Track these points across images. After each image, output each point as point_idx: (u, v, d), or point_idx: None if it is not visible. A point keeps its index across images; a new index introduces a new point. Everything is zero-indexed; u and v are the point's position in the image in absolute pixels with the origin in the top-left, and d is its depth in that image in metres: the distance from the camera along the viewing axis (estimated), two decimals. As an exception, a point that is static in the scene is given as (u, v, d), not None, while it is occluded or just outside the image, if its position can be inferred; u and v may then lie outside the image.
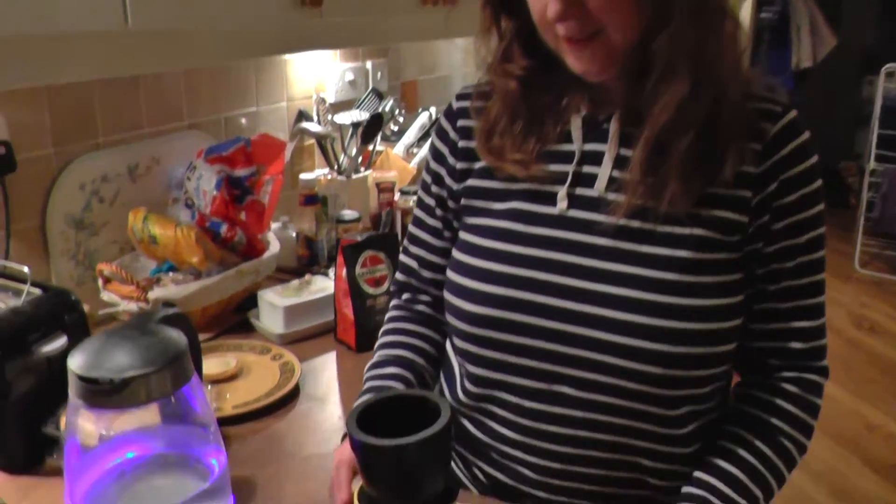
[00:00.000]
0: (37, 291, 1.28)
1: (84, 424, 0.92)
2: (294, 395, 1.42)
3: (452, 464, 1.21)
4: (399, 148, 2.41)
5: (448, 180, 1.16)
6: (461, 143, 1.15)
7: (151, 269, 1.72)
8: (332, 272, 1.70)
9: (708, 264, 0.99)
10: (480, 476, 1.17)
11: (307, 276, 1.76)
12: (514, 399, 1.07)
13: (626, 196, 1.00)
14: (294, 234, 1.99)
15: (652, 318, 0.97)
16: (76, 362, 0.86)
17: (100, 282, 1.62)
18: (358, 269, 1.56)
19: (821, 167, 1.02)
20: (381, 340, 1.24)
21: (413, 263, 1.26)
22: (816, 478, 2.77)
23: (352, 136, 2.20)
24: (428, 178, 1.21)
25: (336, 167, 2.16)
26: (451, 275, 1.13)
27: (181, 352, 0.88)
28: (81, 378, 0.85)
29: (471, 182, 1.13)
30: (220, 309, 1.68)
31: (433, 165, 1.19)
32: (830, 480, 2.77)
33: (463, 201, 1.14)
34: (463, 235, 1.13)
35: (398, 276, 1.30)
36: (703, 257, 0.98)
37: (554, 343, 1.02)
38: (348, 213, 1.95)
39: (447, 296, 1.13)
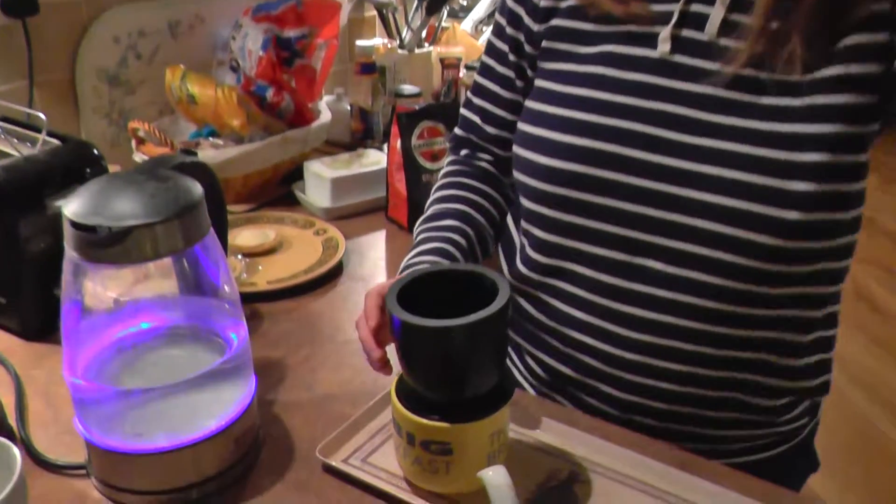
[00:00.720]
0: (55, 142, 1.15)
1: (87, 285, 0.79)
2: (336, 273, 1.29)
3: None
4: (467, 24, 2.24)
5: (527, 21, 0.99)
6: None
7: (191, 132, 1.59)
8: (386, 147, 1.55)
9: (837, 110, 0.81)
10: (536, 368, 1.03)
11: (359, 150, 1.61)
12: (589, 273, 0.92)
13: (745, 43, 0.82)
14: (348, 107, 1.83)
15: (768, 177, 0.81)
16: (71, 208, 0.72)
17: (133, 142, 1.49)
18: (414, 141, 1.40)
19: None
20: (435, 195, 1.09)
21: (475, 118, 1.10)
22: (884, 404, 2.59)
23: (416, 8, 2.03)
24: (502, 20, 1.03)
25: (398, 41, 1.99)
26: (523, 126, 0.97)
27: (194, 202, 0.74)
28: (76, 226, 0.71)
29: (556, 22, 0.96)
30: (263, 180, 1.54)
31: (510, 4, 1.01)
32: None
33: (544, 44, 0.97)
34: (541, 83, 0.97)
35: (457, 131, 1.14)
36: (829, 102, 0.81)
37: (643, 205, 0.87)
38: (408, 88, 1.79)
39: (518, 150, 0.97)
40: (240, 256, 1.22)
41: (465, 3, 2.27)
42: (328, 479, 0.84)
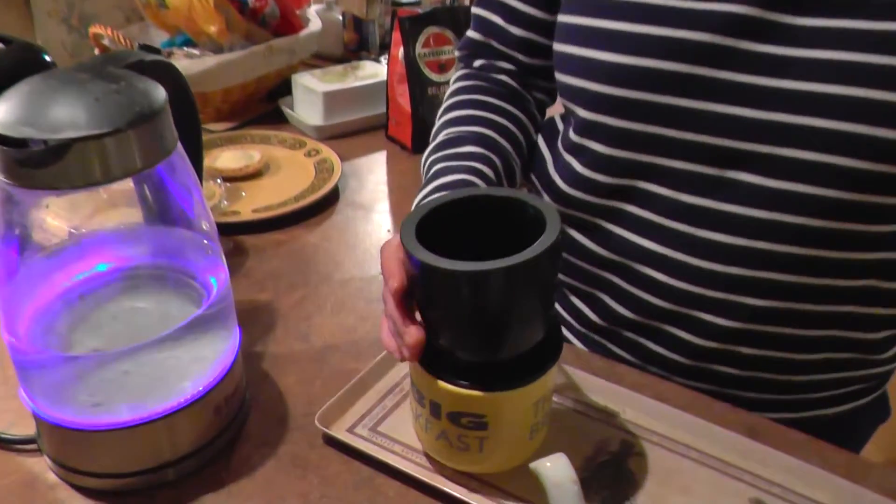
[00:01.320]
0: None
1: (23, 218, 0.62)
2: (331, 200, 1.12)
3: None
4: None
5: None
6: None
7: (162, 41, 1.40)
8: (385, 58, 1.37)
9: None
10: (586, 310, 0.87)
11: (354, 62, 1.43)
12: (664, 192, 0.76)
13: None
14: (339, 17, 1.64)
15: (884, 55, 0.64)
16: (-4, 116, 0.55)
17: (95, 51, 1.30)
18: (418, 49, 1.23)
19: None
20: (445, 117, 0.90)
21: (496, 18, 0.90)
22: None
23: None
24: None
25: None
26: (573, 19, 0.79)
27: (155, 109, 0.57)
28: (1, 140, 0.54)
29: None
30: (246, 94, 1.37)
31: None
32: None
33: None
34: None
35: (470, 34, 0.95)
36: None
37: (737, 104, 0.70)
38: (407, -6, 1.60)
39: (566, 47, 0.79)
40: (219, 181, 1.05)
41: None
42: (330, 454, 0.69)
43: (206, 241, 0.68)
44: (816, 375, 0.81)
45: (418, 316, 0.62)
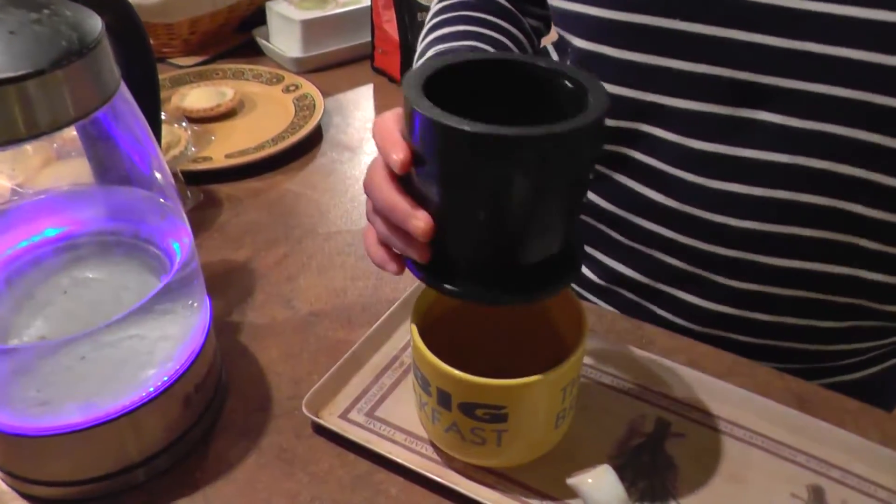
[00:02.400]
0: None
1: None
2: (314, 141, 1.00)
3: None
4: None
5: None
6: None
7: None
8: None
9: None
10: (586, 269, 0.78)
11: (334, -15, 1.30)
12: (672, 137, 0.65)
13: None
14: (317, -65, 1.50)
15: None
16: None
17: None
18: (406, -32, 1.10)
19: None
20: (430, 36, 0.78)
21: None
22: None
23: None
24: None
25: None
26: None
27: (89, 43, 0.46)
28: None
29: None
30: (216, 25, 1.24)
31: None
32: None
33: None
34: None
35: None
36: None
37: (756, 31, 0.59)
38: None
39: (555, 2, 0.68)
40: (185, 123, 0.93)
41: None
42: (321, 445, 0.60)
43: (163, 201, 0.57)
44: (840, 345, 0.72)
45: None
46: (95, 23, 0.47)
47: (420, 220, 0.47)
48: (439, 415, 0.53)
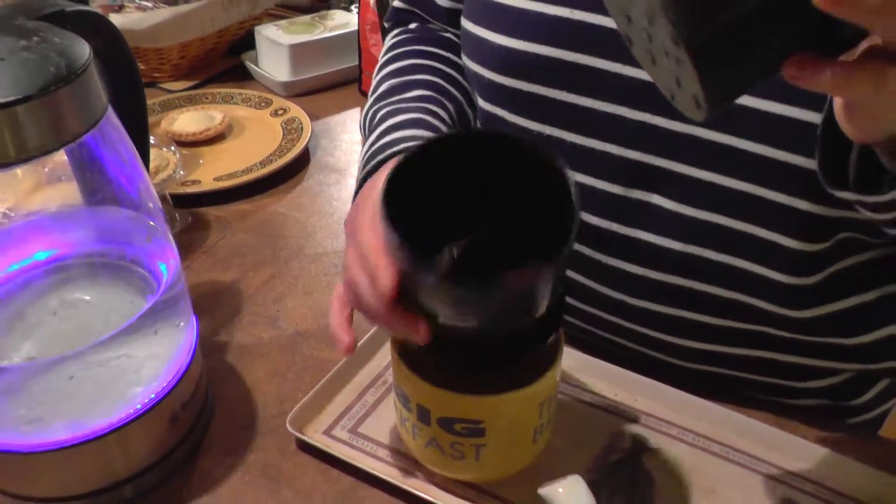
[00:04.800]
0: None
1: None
2: (301, 164, 1.02)
3: None
4: None
5: None
6: None
7: (112, -8, 1.29)
8: (356, 6, 1.26)
9: None
10: None
11: (322, 11, 1.32)
12: None
13: None
14: (306, -38, 1.53)
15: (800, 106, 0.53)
16: None
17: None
18: (392, -6, 1.12)
19: None
20: (384, 70, 0.78)
21: None
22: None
23: None
24: None
25: None
26: (464, 22, 0.69)
27: (76, 69, 0.47)
28: None
29: None
30: (206, 49, 1.26)
31: None
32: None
33: None
34: None
35: (396, 2, 0.85)
36: None
37: (647, 110, 0.59)
38: (378, -64, 1.48)
39: (466, 23, 0.68)
40: (174, 148, 0.95)
41: None
42: (305, 462, 0.61)
43: (151, 223, 0.59)
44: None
45: None
46: (83, 49, 0.49)
47: (420, 334, 0.49)
48: (419, 430, 0.55)
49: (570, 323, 0.71)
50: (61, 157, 0.57)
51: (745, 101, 0.54)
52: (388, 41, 0.84)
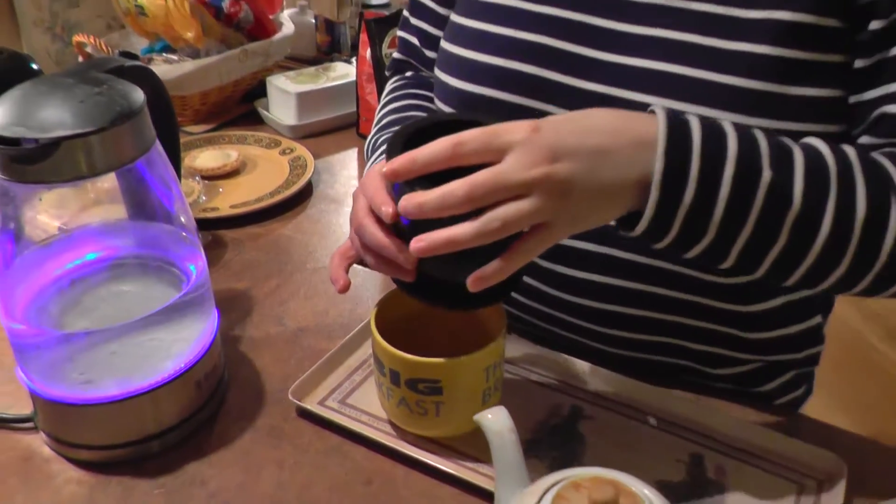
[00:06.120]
0: (-14, 55, 1.02)
1: (19, 212, 0.68)
2: (305, 195, 1.18)
3: None
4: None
5: None
6: None
7: (143, 48, 1.46)
8: (355, 59, 1.43)
9: (801, 30, 0.67)
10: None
11: (326, 63, 1.49)
12: None
13: None
14: (312, 20, 1.70)
15: (707, 106, 0.68)
16: (-9, 119, 0.61)
17: (79, 58, 1.36)
18: (385, 49, 1.29)
19: None
20: (386, 108, 0.94)
21: (413, 39, 0.97)
22: (872, 317, 2.55)
23: None
24: None
25: (363, -55, 1.85)
26: (442, 43, 0.85)
27: (134, 110, 0.63)
28: (-4, 139, 0.60)
29: None
30: (223, 97, 1.42)
31: None
32: (889, 321, 2.56)
33: None
34: None
35: (396, 55, 1.02)
36: (792, 18, 0.66)
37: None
38: (376, -3, 1.66)
39: (436, 71, 0.85)
40: (198, 178, 1.11)
41: None
42: (303, 425, 0.75)
43: (184, 233, 0.74)
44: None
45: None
46: (139, 95, 0.65)
47: (409, 256, 0.62)
48: (392, 392, 0.69)
49: (521, 318, 0.86)
50: (104, 184, 0.73)
51: (636, 95, 0.71)
52: (389, 86, 1.00)
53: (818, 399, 0.96)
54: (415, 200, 0.56)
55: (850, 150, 0.64)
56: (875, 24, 0.66)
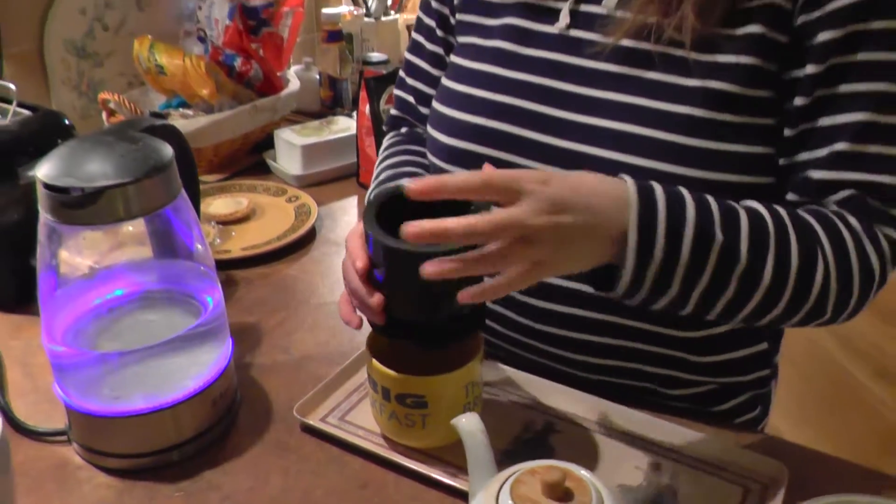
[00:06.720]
0: (25, 113, 1.14)
1: (62, 250, 0.79)
2: (309, 238, 1.29)
3: None
4: (434, -10, 2.21)
5: None
6: None
7: (160, 103, 1.58)
8: (356, 113, 1.55)
9: (733, 98, 0.79)
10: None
11: (329, 117, 1.61)
12: None
13: (632, 11, 0.81)
14: (317, 76, 1.83)
15: (655, 160, 0.79)
16: (44, 170, 0.73)
17: (103, 114, 1.48)
18: (382, 105, 1.41)
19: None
20: (383, 164, 1.06)
21: (409, 98, 1.09)
22: (860, 355, 2.64)
23: (383, -27, 2.01)
24: None
25: (364, 8, 1.98)
26: (433, 103, 0.97)
27: (165, 163, 0.75)
28: (49, 187, 0.72)
29: None
30: (234, 149, 1.54)
31: None
32: (876, 359, 2.64)
33: (458, 16, 0.97)
34: (452, 58, 0.97)
35: (393, 112, 1.14)
36: (725, 88, 0.78)
37: (544, 162, 0.86)
38: (375, 56, 1.78)
39: (428, 128, 0.97)
40: (213, 224, 1.22)
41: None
42: (306, 438, 0.85)
43: (203, 268, 0.85)
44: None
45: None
46: (168, 151, 0.76)
47: (375, 300, 0.75)
48: (384, 407, 0.80)
49: (497, 344, 0.97)
50: (130, 229, 0.84)
51: (594, 150, 0.82)
52: (386, 141, 1.12)
53: (807, 433, 1.05)
54: (442, 226, 0.64)
55: (782, 211, 0.76)
56: (799, 101, 0.78)
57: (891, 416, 2.35)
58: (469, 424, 0.66)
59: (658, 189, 0.70)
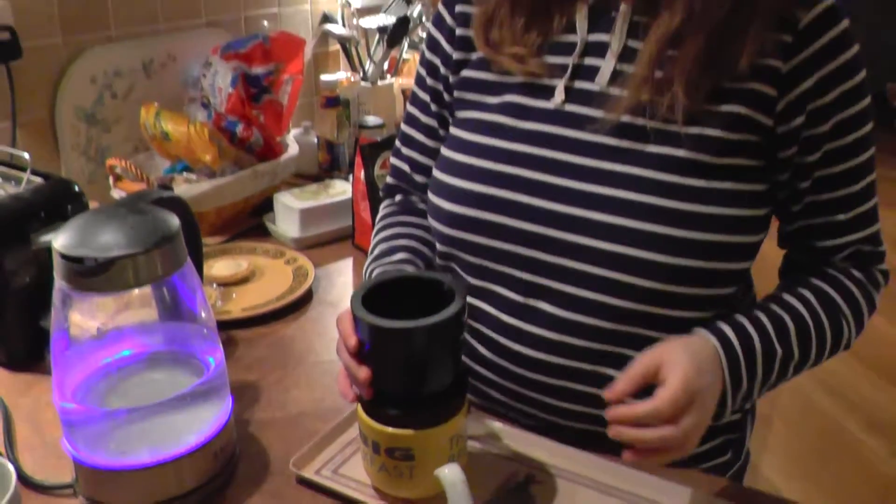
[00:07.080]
0: (38, 180, 1.21)
1: (74, 314, 0.85)
2: (306, 299, 1.35)
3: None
4: (428, 56, 2.29)
5: (443, 70, 1.06)
6: (459, 31, 1.04)
7: (165, 168, 1.65)
8: (352, 177, 1.62)
9: (720, 168, 0.88)
10: None
11: (326, 181, 1.68)
12: (493, 312, 0.99)
13: (628, 91, 0.89)
14: (315, 140, 1.90)
15: (647, 222, 0.87)
16: (60, 241, 0.79)
17: (110, 179, 1.55)
18: (377, 171, 1.47)
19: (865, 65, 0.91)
20: (379, 235, 1.13)
21: (405, 167, 1.16)
22: (852, 408, 2.68)
23: (378, 41, 2.09)
24: (423, 70, 1.10)
25: (361, 73, 2.07)
26: (434, 172, 1.04)
27: (172, 234, 0.81)
28: (65, 257, 0.78)
29: (466, 73, 1.03)
30: (235, 212, 1.61)
31: (428, 55, 1.08)
32: (868, 412, 2.69)
33: (456, 94, 1.04)
34: (452, 131, 1.04)
35: (388, 179, 1.20)
36: (712, 160, 0.88)
37: (534, 249, 0.93)
38: (372, 120, 1.86)
39: (429, 195, 1.04)
40: (215, 285, 1.29)
41: (424, 36, 2.33)
42: (301, 491, 0.91)
43: (206, 330, 0.91)
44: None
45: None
46: (175, 221, 0.83)
47: (362, 373, 0.82)
48: (374, 459, 0.85)
49: (485, 392, 1.03)
50: (135, 294, 0.90)
51: (593, 242, 0.90)
52: (382, 211, 1.19)
53: (800, 486, 1.11)
54: (633, 412, 0.79)
55: (810, 295, 0.93)
56: (800, 184, 0.93)
57: (884, 467, 2.38)
58: (451, 475, 0.72)
59: (732, 336, 0.88)
